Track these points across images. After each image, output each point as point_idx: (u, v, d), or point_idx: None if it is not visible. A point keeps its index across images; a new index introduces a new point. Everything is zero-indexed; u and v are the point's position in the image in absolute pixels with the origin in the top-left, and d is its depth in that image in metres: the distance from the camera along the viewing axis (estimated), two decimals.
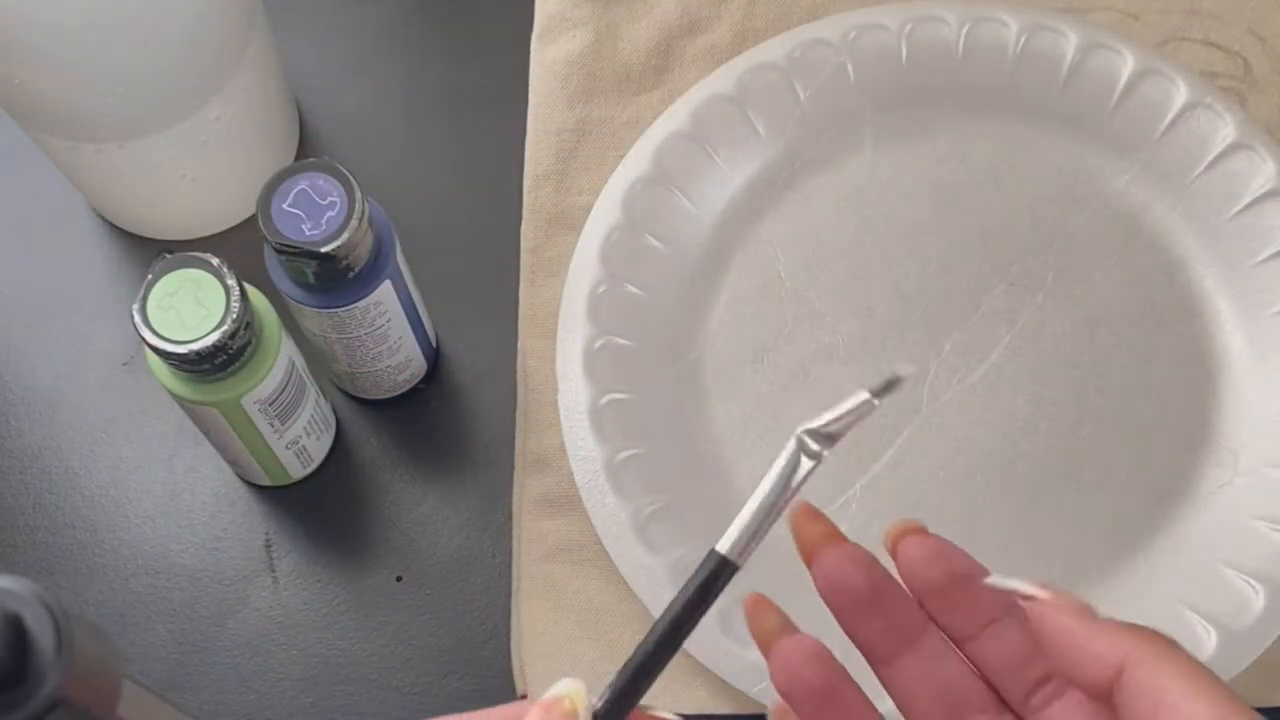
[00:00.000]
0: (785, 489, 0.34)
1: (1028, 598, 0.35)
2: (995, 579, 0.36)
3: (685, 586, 0.34)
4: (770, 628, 0.37)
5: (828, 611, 0.37)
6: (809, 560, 0.36)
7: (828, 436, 0.34)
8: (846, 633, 0.36)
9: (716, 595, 0.34)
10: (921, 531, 0.36)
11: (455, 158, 0.62)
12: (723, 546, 0.34)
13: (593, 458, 0.53)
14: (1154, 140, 0.57)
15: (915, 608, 0.36)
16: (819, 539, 0.36)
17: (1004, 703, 0.36)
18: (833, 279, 0.57)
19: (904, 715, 0.37)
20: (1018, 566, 0.53)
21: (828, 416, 0.34)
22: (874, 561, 0.36)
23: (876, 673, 0.37)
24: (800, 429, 0.34)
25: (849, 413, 0.34)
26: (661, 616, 0.34)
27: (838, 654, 0.36)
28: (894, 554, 0.36)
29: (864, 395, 0.34)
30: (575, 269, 0.56)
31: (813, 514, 0.37)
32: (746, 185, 0.58)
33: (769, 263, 0.57)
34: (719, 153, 0.58)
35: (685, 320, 0.57)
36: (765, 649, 0.37)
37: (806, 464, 0.34)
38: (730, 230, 0.58)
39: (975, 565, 0.36)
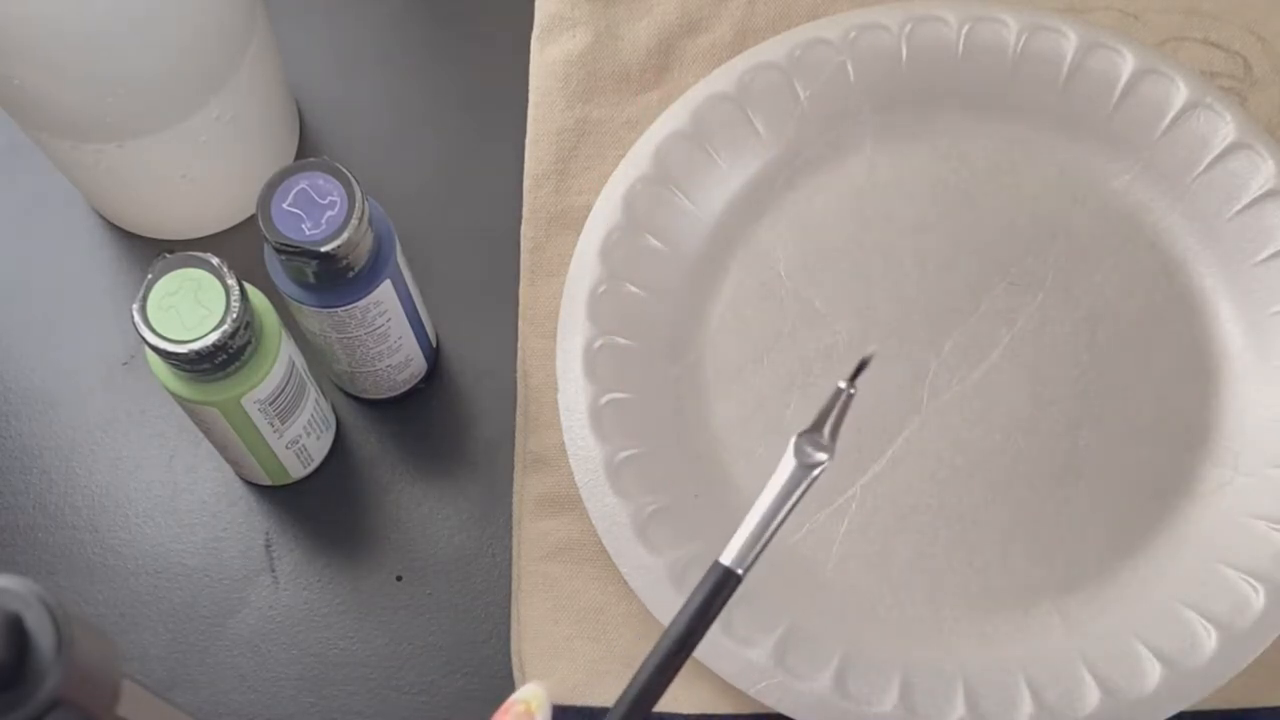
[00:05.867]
0: (788, 496, 0.34)
1: None
2: None
3: (690, 600, 0.34)
4: None
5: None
6: None
7: (824, 435, 0.34)
8: None
9: (721, 607, 0.34)
10: None
11: (455, 158, 0.62)
12: (726, 558, 0.34)
13: (593, 458, 0.53)
14: (1154, 140, 0.57)
15: None
16: None
17: None
18: (833, 279, 0.57)
19: None
20: (1017, 566, 0.53)
21: (815, 417, 0.34)
22: None
23: None
24: (796, 434, 0.34)
25: (832, 407, 0.34)
26: (667, 630, 0.34)
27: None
28: None
29: (839, 385, 0.34)
30: (575, 269, 0.56)
31: None
32: (747, 185, 0.58)
33: (769, 262, 0.57)
34: (719, 152, 0.58)
35: (685, 320, 0.57)
36: None
37: (814, 470, 0.34)
38: (730, 230, 0.58)
39: None
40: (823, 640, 0.51)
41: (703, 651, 0.51)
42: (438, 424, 0.58)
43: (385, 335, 0.53)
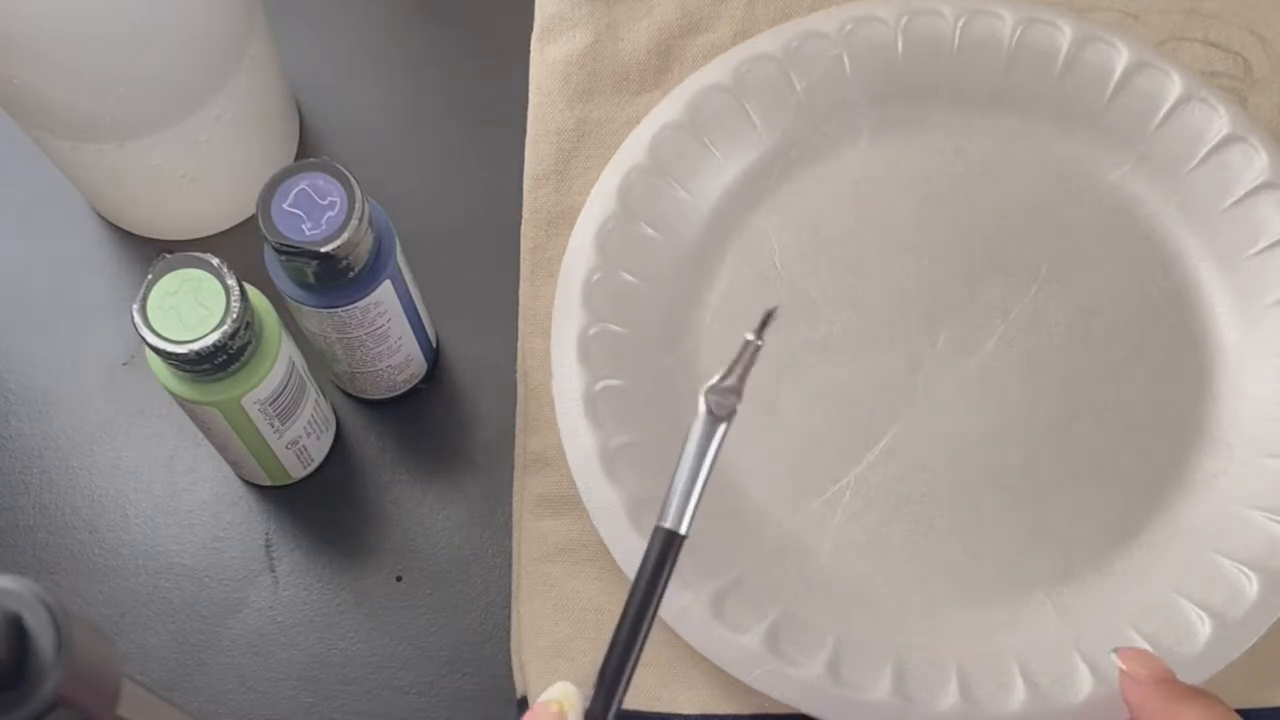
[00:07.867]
0: (706, 449, 0.37)
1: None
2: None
3: (640, 571, 0.36)
4: None
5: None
6: None
7: (732, 390, 0.37)
8: None
9: (671, 571, 0.36)
10: None
11: (455, 158, 0.62)
12: (666, 521, 0.36)
13: (587, 444, 0.53)
14: (1149, 133, 0.57)
15: None
16: None
17: None
18: (828, 269, 0.57)
19: None
20: (1011, 556, 0.53)
21: (724, 369, 0.37)
22: None
23: None
24: (703, 389, 0.37)
25: (740, 360, 0.37)
26: (626, 606, 0.36)
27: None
28: None
29: (747, 337, 0.37)
30: (570, 257, 0.56)
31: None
32: (742, 175, 0.58)
33: (764, 253, 0.57)
34: (715, 143, 0.58)
35: (680, 309, 0.57)
36: None
37: (726, 419, 0.37)
38: (726, 220, 0.58)
39: None
40: (816, 627, 0.51)
41: (695, 638, 0.51)
42: (438, 424, 0.58)
43: (385, 335, 0.53)
